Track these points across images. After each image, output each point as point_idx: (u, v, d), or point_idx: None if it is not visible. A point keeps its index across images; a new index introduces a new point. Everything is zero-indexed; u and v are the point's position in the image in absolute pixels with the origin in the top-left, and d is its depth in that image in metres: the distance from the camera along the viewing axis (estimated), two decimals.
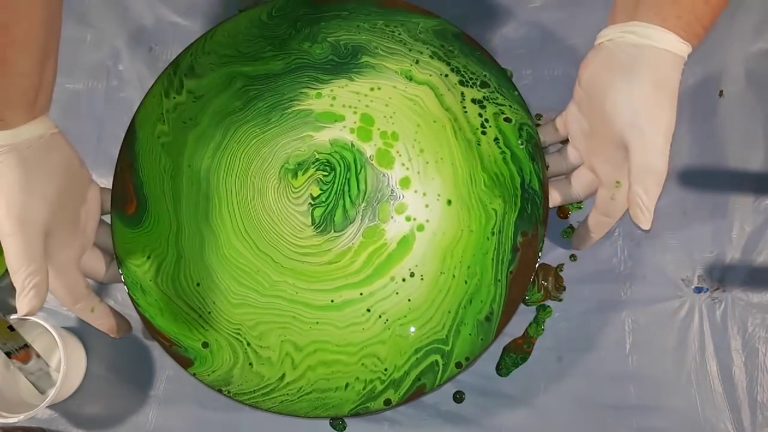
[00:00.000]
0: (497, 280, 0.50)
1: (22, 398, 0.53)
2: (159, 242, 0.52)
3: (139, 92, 0.61)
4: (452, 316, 0.50)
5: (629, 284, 0.54)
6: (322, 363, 0.50)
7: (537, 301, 0.54)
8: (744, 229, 0.54)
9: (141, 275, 0.51)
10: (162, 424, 0.54)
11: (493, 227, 0.51)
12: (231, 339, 0.51)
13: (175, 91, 0.54)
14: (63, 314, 0.57)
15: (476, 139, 0.53)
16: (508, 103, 0.52)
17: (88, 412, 0.55)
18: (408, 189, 0.54)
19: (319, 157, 0.55)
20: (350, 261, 0.53)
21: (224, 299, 0.52)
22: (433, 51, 0.54)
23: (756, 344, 0.52)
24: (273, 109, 0.56)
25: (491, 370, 0.53)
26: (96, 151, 0.60)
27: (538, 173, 0.50)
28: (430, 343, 0.50)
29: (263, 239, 0.54)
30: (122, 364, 0.56)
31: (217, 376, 0.49)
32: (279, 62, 0.55)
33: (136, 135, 0.53)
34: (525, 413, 0.52)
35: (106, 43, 0.63)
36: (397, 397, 0.48)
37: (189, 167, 0.54)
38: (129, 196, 0.52)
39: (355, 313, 0.52)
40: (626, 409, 0.51)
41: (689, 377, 0.52)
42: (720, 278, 0.53)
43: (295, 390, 0.49)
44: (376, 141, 0.55)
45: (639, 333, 0.53)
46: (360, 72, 0.55)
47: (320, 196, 0.55)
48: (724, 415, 0.51)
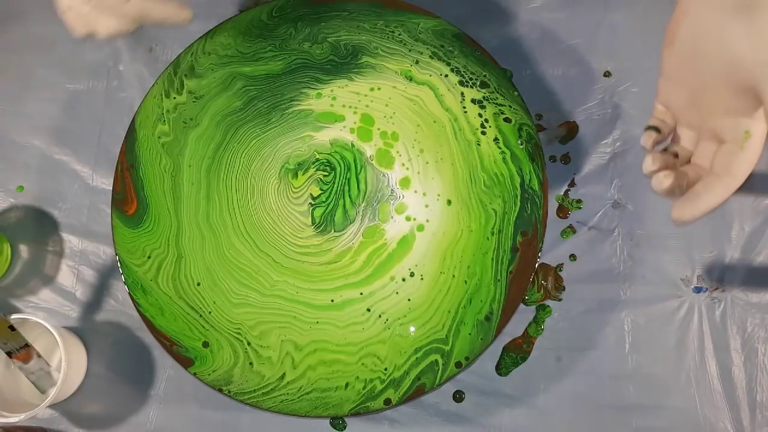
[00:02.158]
0: (497, 280, 0.50)
1: (23, 398, 0.53)
2: (159, 242, 0.52)
3: (139, 92, 0.61)
4: (452, 315, 0.50)
5: (629, 284, 0.54)
6: (322, 362, 0.50)
7: (537, 300, 0.54)
8: (743, 229, 0.54)
9: (141, 275, 0.51)
10: (162, 424, 0.54)
11: (493, 227, 0.51)
12: (231, 339, 0.51)
13: (176, 92, 0.54)
14: (63, 314, 0.57)
15: (476, 139, 0.53)
16: (507, 104, 0.52)
17: (89, 412, 0.55)
18: (408, 189, 0.54)
19: (320, 157, 0.55)
20: (350, 261, 0.53)
21: (225, 299, 0.52)
22: (433, 51, 0.54)
23: (755, 344, 0.52)
24: (273, 110, 0.56)
25: (491, 370, 0.53)
26: (96, 151, 0.60)
27: (537, 173, 0.50)
28: (430, 343, 0.50)
29: (263, 239, 0.54)
30: (122, 363, 0.56)
31: (218, 375, 0.50)
32: (279, 62, 0.55)
33: (137, 135, 0.53)
34: (525, 413, 0.52)
35: (106, 43, 0.63)
36: (396, 396, 0.48)
37: (189, 167, 0.54)
38: (129, 196, 0.52)
39: (355, 312, 0.52)
40: (626, 408, 0.52)
41: (689, 377, 0.52)
42: (719, 278, 0.53)
43: (295, 389, 0.49)
44: (376, 141, 0.55)
45: (638, 333, 0.53)
46: (360, 72, 0.55)
47: (320, 196, 0.55)
48: (724, 414, 0.51)
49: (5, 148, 0.61)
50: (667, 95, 0.42)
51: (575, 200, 0.56)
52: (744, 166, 0.38)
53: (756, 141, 0.38)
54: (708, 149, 0.40)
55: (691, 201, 0.40)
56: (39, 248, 0.59)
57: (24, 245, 0.59)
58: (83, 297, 0.57)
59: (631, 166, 0.56)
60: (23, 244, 0.59)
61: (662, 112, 0.43)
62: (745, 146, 0.38)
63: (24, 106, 0.62)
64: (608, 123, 0.57)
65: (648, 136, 0.42)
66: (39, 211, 0.60)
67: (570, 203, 0.56)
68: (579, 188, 0.56)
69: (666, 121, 0.43)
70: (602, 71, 0.58)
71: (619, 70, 0.57)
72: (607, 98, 0.57)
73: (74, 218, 0.59)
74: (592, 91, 0.57)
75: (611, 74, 0.58)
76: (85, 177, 0.60)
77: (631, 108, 0.57)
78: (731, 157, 0.39)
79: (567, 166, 0.56)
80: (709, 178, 0.39)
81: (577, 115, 0.57)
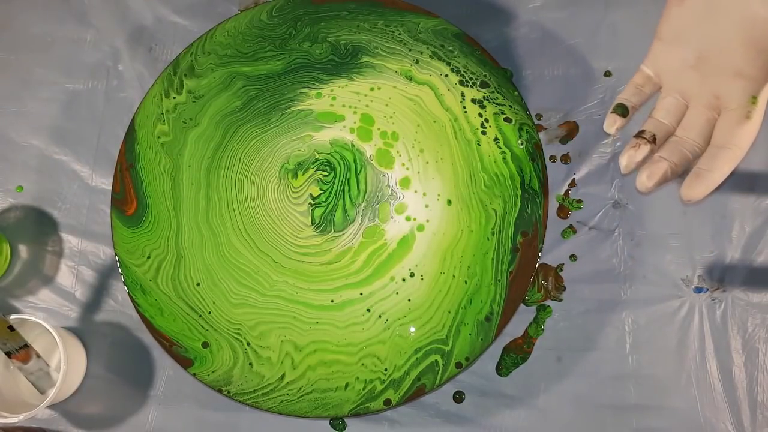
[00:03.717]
0: (497, 280, 0.50)
1: (22, 398, 0.53)
2: (159, 242, 0.52)
3: (139, 92, 0.61)
4: (452, 316, 0.50)
5: (629, 284, 0.54)
6: (322, 363, 0.50)
7: (537, 301, 0.54)
8: (744, 229, 0.54)
9: (141, 275, 0.51)
10: (162, 424, 0.54)
11: (493, 227, 0.51)
12: (231, 339, 0.51)
13: (175, 91, 0.54)
14: (63, 314, 0.57)
15: (476, 139, 0.53)
16: (508, 103, 0.52)
17: (88, 412, 0.55)
18: (408, 189, 0.54)
19: (319, 157, 0.55)
20: (350, 261, 0.53)
21: (224, 299, 0.52)
22: (433, 51, 0.54)
23: (756, 344, 0.52)
24: (273, 109, 0.56)
25: (491, 370, 0.53)
26: (95, 151, 0.60)
27: (538, 173, 0.50)
28: (430, 343, 0.50)
29: (263, 239, 0.54)
30: (122, 364, 0.56)
31: (217, 376, 0.49)
32: (279, 62, 0.55)
33: (136, 135, 0.53)
34: (525, 413, 0.52)
35: (106, 43, 0.63)
36: (396, 397, 0.48)
37: (189, 167, 0.54)
38: (129, 196, 0.52)
39: (355, 313, 0.52)
40: (626, 409, 0.51)
41: (689, 377, 0.52)
42: (720, 278, 0.53)
43: (295, 390, 0.49)
44: (376, 141, 0.55)
45: (639, 333, 0.53)
46: (360, 72, 0.55)
47: (320, 196, 0.55)
48: (724, 415, 0.51)
49: (4, 148, 0.61)
50: (660, 58, 0.41)
51: (575, 200, 0.56)
52: (748, 136, 0.37)
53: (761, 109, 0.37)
54: (700, 118, 0.39)
55: (699, 178, 0.37)
56: (38, 248, 0.59)
57: (23, 245, 0.59)
58: (82, 297, 0.57)
59: None
60: (22, 244, 0.59)
61: (645, 77, 0.42)
62: (752, 114, 0.37)
63: (23, 106, 0.62)
64: None
65: (612, 120, 0.41)
66: (38, 211, 0.59)
67: (570, 203, 0.56)
68: (579, 188, 0.56)
69: (643, 90, 0.41)
70: (602, 71, 0.58)
71: (620, 70, 0.57)
72: (607, 98, 0.57)
73: (74, 218, 0.59)
74: (592, 91, 0.57)
75: (611, 74, 0.58)
76: (84, 177, 0.60)
77: None
78: (735, 127, 0.37)
79: (567, 166, 0.56)
80: (712, 151, 0.37)
81: (577, 115, 0.57)
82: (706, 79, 0.39)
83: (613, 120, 0.41)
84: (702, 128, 0.39)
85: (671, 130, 0.40)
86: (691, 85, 0.40)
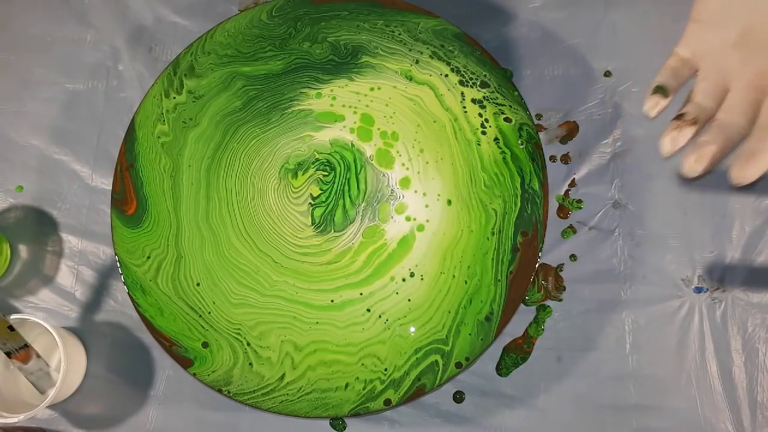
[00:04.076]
0: (497, 280, 0.50)
1: (22, 398, 0.53)
2: (159, 242, 0.52)
3: (139, 92, 0.61)
4: (452, 316, 0.50)
5: (629, 284, 0.54)
6: (322, 363, 0.50)
7: (537, 301, 0.54)
8: (744, 229, 0.54)
9: (141, 275, 0.51)
10: (162, 424, 0.54)
11: (493, 227, 0.51)
12: (231, 339, 0.51)
13: (175, 91, 0.54)
14: (63, 314, 0.57)
15: (476, 139, 0.53)
16: (508, 103, 0.52)
17: (88, 412, 0.55)
18: (408, 189, 0.54)
19: (319, 157, 0.55)
20: (350, 261, 0.53)
21: (224, 299, 0.52)
22: (433, 51, 0.54)
23: (756, 344, 0.52)
24: (273, 109, 0.56)
25: (491, 370, 0.53)
26: (96, 151, 0.60)
27: (538, 173, 0.50)
28: (430, 343, 0.50)
29: (263, 239, 0.54)
30: (122, 364, 0.56)
31: (217, 376, 0.49)
32: (279, 62, 0.55)
33: (136, 135, 0.53)
34: (525, 413, 0.52)
35: (106, 43, 0.63)
36: (396, 397, 0.48)
37: (189, 167, 0.54)
38: (129, 196, 0.52)
39: (355, 313, 0.52)
40: (626, 409, 0.51)
41: (689, 377, 0.52)
42: (720, 278, 0.53)
43: (295, 390, 0.49)
44: (376, 141, 0.55)
45: (639, 333, 0.53)
46: (360, 72, 0.55)
47: (320, 196, 0.55)
48: (724, 415, 0.51)
49: (4, 148, 0.61)
50: (697, 40, 0.39)
51: (576, 200, 0.56)
52: None
53: None
54: (742, 99, 0.37)
55: (753, 158, 0.35)
56: (38, 248, 0.59)
57: (23, 245, 0.59)
58: (82, 297, 0.57)
59: (631, 166, 0.56)
60: (22, 244, 0.59)
61: (680, 60, 0.40)
62: None
63: (23, 106, 0.62)
64: (608, 123, 0.57)
65: (654, 102, 0.39)
66: (38, 211, 0.59)
67: (570, 203, 0.56)
68: (579, 188, 0.56)
69: (681, 73, 0.39)
70: (602, 71, 0.58)
71: (620, 70, 0.57)
72: (607, 98, 0.57)
73: (73, 218, 0.59)
74: (592, 91, 0.57)
75: (611, 74, 0.58)
76: (84, 177, 0.60)
77: (632, 108, 0.56)
78: None
79: (567, 166, 0.56)
80: (762, 132, 0.36)
81: (577, 115, 0.57)
82: (748, 58, 0.38)
83: (655, 102, 0.39)
84: (745, 110, 0.37)
85: (712, 112, 0.38)
86: (731, 65, 0.38)
